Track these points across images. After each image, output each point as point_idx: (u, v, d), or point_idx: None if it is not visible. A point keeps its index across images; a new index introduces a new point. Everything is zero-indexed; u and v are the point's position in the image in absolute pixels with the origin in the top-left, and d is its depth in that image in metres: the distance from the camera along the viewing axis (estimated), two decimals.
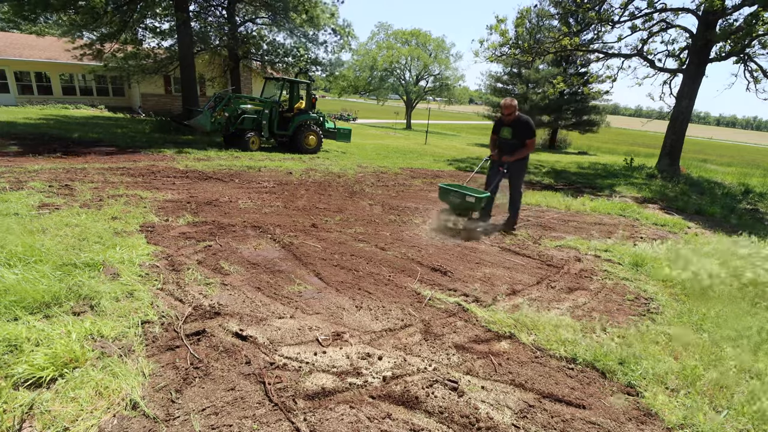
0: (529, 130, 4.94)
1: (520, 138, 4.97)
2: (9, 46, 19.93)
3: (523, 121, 4.95)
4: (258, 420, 1.76)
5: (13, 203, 4.34)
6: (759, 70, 11.86)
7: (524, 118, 4.96)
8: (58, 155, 7.45)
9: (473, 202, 4.69)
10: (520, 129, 4.97)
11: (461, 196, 4.76)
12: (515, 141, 5.02)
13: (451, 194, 4.89)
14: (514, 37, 13.70)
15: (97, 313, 2.42)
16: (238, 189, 6.09)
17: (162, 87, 22.05)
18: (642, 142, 44.55)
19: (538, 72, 27.26)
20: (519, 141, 4.99)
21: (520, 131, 4.96)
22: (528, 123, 4.94)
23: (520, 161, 5.15)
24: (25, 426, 1.63)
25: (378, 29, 41.63)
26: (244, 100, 10.85)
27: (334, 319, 2.65)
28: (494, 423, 1.86)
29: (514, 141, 5.03)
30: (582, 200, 7.24)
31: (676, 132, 12.40)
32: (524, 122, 4.94)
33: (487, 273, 3.64)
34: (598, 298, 3.33)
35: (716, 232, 5.73)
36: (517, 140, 5.00)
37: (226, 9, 16.41)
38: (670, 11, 11.91)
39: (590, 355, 2.42)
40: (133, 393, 1.82)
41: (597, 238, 4.97)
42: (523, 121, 4.94)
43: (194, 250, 3.55)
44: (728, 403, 2.11)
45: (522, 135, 4.96)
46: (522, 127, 4.95)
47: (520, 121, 4.95)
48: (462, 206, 4.83)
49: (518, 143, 5.00)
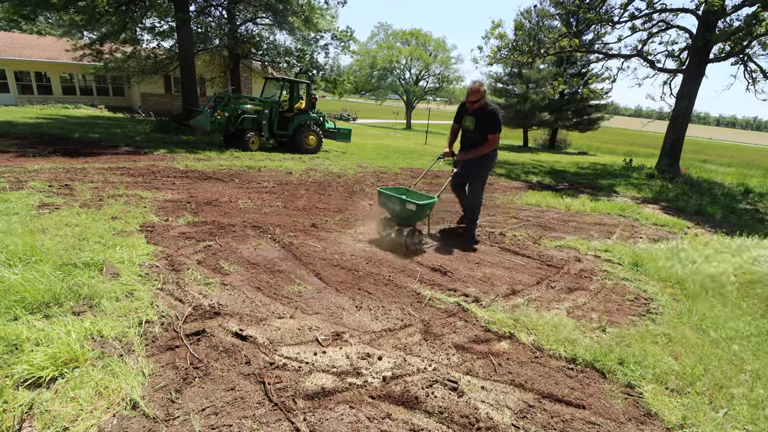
0: (494, 122, 4.20)
1: (483, 131, 4.25)
2: (9, 46, 19.93)
3: (489, 111, 4.18)
4: (258, 420, 1.76)
5: (13, 203, 4.34)
6: (758, 70, 11.86)
7: (491, 107, 4.20)
8: (58, 155, 7.45)
9: (414, 210, 3.93)
10: (483, 120, 4.22)
11: (400, 203, 4.00)
12: (477, 134, 4.31)
13: (390, 200, 4.13)
14: (513, 39, 13.72)
15: (97, 313, 2.42)
16: (238, 189, 6.09)
17: (162, 87, 22.06)
18: (642, 142, 44.57)
19: (539, 72, 27.27)
20: (481, 135, 4.27)
21: (484, 123, 4.23)
22: (494, 114, 4.18)
23: (481, 160, 4.38)
24: (25, 426, 1.63)
25: (378, 29, 41.68)
26: (244, 100, 10.85)
27: (334, 319, 2.65)
28: (494, 423, 1.86)
29: (475, 134, 4.32)
30: (582, 200, 7.24)
31: (676, 132, 12.40)
32: (490, 113, 4.18)
33: (487, 273, 3.64)
34: (598, 298, 3.33)
35: (716, 232, 5.73)
36: (479, 133, 4.29)
37: (226, 9, 16.41)
38: (670, 12, 11.92)
39: (590, 355, 2.42)
40: (133, 393, 1.82)
41: (597, 239, 4.97)
42: (488, 112, 4.18)
43: (194, 250, 3.56)
44: (728, 403, 2.11)
45: (485, 128, 4.23)
46: (486, 119, 4.20)
47: (485, 111, 4.20)
48: (402, 215, 4.07)
49: (480, 137, 4.28)
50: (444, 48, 38.35)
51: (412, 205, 3.91)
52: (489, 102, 4.27)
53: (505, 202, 6.82)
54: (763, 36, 10.59)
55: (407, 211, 3.98)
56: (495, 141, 4.27)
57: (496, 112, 4.20)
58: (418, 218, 4.10)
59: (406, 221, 4.12)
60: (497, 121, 4.20)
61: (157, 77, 18.77)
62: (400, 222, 4.18)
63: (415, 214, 3.99)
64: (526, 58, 13.78)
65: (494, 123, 4.20)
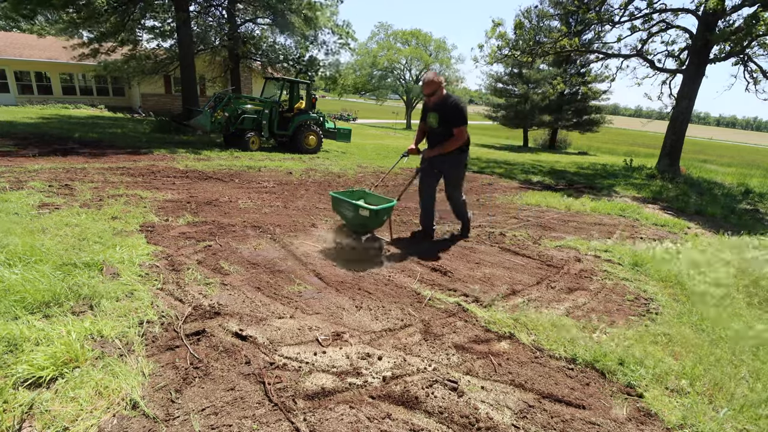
0: (457, 115, 3.88)
1: (447, 126, 3.94)
2: (9, 46, 19.94)
3: (451, 103, 3.89)
4: (258, 420, 1.76)
5: (13, 203, 4.34)
6: (759, 70, 11.86)
7: (453, 99, 3.91)
8: (58, 155, 7.45)
9: (368, 217, 3.53)
10: (446, 114, 3.92)
11: (354, 209, 3.60)
12: (441, 129, 3.99)
13: (342, 206, 3.72)
14: (513, 39, 13.73)
15: (97, 313, 2.42)
16: (238, 189, 6.09)
17: (162, 87, 22.07)
18: (642, 142, 44.58)
19: (539, 72, 27.29)
20: (445, 130, 3.95)
21: (447, 117, 3.92)
22: (457, 107, 3.88)
23: (450, 158, 4.10)
24: (25, 426, 1.63)
25: (378, 29, 41.72)
26: (244, 100, 10.86)
27: (334, 319, 2.65)
28: (494, 423, 1.86)
29: (440, 130, 4.00)
30: (582, 200, 7.24)
31: (676, 132, 12.41)
32: (452, 105, 3.89)
33: (487, 273, 3.64)
34: (598, 298, 3.33)
35: (716, 232, 5.73)
36: (444, 129, 3.96)
37: (226, 9, 16.42)
38: (670, 12, 11.92)
39: (590, 355, 2.42)
40: (133, 393, 1.82)
41: (597, 239, 4.97)
42: (450, 104, 3.89)
43: (194, 250, 3.55)
44: (728, 403, 2.11)
45: (449, 122, 3.92)
46: (449, 112, 3.90)
47: (447, 104, 3.91)
48: (356, 221, 3.66)
49: (445, 133, 3.96)
50: (444, 48, 38.39)
51: (366, 210, 3.51)
52: (450, 94, 3.96)
53: (505, 202, 6.82)
54: (763, 36, 10.59)
55: (361, 217, 3.57)
56: (461, 135, 3.95)
57: (459, 103, 3.90)
58: (373, 225, 3.71)
59: (362, 228, 3.70)
60: (461, 113, 3.89)
61: (157, 77, 18.78)
62: (356, 229, 3.75)
63: (370, 221, 3.58)
64: (526, 57, 13.79)
65: (457, 116, 3.89)
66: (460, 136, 3.95)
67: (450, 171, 4.23)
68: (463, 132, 3.95)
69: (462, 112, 3.90)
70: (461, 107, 3.90)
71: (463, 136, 3.97)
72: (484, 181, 9.13)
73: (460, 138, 3.96)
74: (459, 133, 3.94)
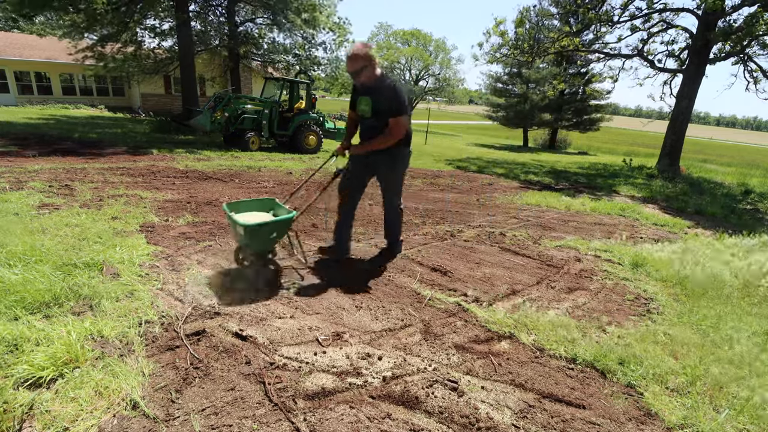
0: (393, 101, 3.07)
1: (381, 115, 3.13)
2: (9, 46, 19.94)
3: (387, 86, 3.10)
4: (258, 420, 1.76)
5: (13, 203, 4.34)
6: (759, 70, 11.87)
7: (389, 82, 3.13)
8: (58, 155, 7.45)
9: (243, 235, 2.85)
10: (380, 100, 3.11)
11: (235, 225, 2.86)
12: (375, 120, 3.18)
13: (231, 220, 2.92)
14: (513, 38, 13.74)
15: (97, 313, 2.42)
16: (238, 189, 6.09)
17: (162, 87, 22.08)
18: (642, 142, 44.57)
19: (539, 72, 27.28)
20: (380, 120, 3.14)
21: (381, 104, 3.11)
22: (393, 90, 3.08)
23: (390, 159, 3.30)
24: (25, 426, 1.63)
25: (378, 29, 41.72)
26: (244, 100, 10.86)
27: (334, 319, 2.65)
28: (494, 423, 1.86)
29: (373, 120, 3.19)
30: (582, 200, 7.24)
31: (676, 132, 12.41)
32: (388, 88, 3.09)
33: (487, 273, 3.64)
34: (598, 298, 3.33)
35: (716, 232, 5.72)
36: (377, 119, 3.16)
37: (226, 9, 16.42)
38: (670, 11, 11.93)
39: (590, 355, 2.42)
40: (133, 393, 1.82)
41: (597, 238, 4.97)
42: (385, 87, 3.10)
43: (194, 250, 3.55)
44: (728, 403, 2.11)
45: (383, 110, 3.11)
46: (384, 98, 3.09)
47: (381, 87, 3.11)
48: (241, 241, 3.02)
49: (380, 124, 3.15)
50: (444, 48, 38.40)
51: (241, 227, 2.77)
52: (386, 75, 3.21)
53: (505, 202, 6.82)
54: (763, 36, 10.59)
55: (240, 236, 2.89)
56: (399, 127, 3.11)
57: (396, 86, 3.11)
58: (256, 246, 2.96)
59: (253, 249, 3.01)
60: (399, 98, 3.08)
61: (157, 77, 18.80)
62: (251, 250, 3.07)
63: (250, 240, 2.87)
64: (526, 57, 13.79)
65: (394, 102, 3.07)
66: (398, 129, 3.12)
67: (387, 174, 3.42)
68: (401, 123, 3.11)
69: (400, 97, 3.09)
70: (399, 91, 3.11)
71: (400, 128, 3.13)
72: (484, 181, 9.13)
73: (398, 131, 3.13)
74: (396, 124, 3.10)
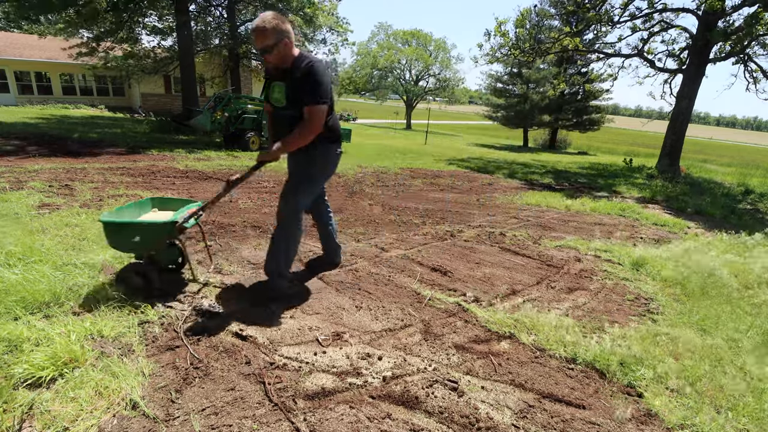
0: (308, 85, 2.42)
1: (298, 103, 2.49)
2: (9, 46, 19.94)
3: (304, 67, 2.43)
4: (258, 420, 1.76)
5: (13, 203, 4.34)
6: (759, 70, 11.87)
7: (307, 61, 2.44)
8: (58, 155, 7.45)
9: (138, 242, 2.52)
10: (295, 86, 2.48)
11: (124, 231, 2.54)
12: (290, 110, 2.55)
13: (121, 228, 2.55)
14: (514, 38, 13.73)
15: (97, 313, 2.42)
16: (238, 189, 6.09)
17: (162, 87, 22.09)
18: (642, 142, 44.59)
19: (539, 72, 27.29)
20: (296, 110, 2.51)
21: (296, 90, 2.48)
22: (309, 71, 2.41)
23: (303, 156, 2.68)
24: (25, 426, 1.63)
25: (378, 29, 41.70)
26: (244, 100, 10.87)
27: (334, 319, 2.65)
28: (494, 423, 1.86)
29: (289, 111, 2.56)
30: (582, 200, 7.24)
31: (676, 132, 12.41)
32: (304, 70, 2.42)
33: (487, 273, 3.64)
34: (598, 298, 3.33)
35: (716, 232, 5.72)
36: (294, 108, 2.53)
37: (226, 9, 16.42)
38: (670, 11, 11.93)
39: (590, 355, 2.41)
40: (133, 393, 1.82)
41: (597, 239, 4.97)
42: (301, 69, 2.43)
43: (194, 250, 3.55)
44: (728, 403, 2.11)
45: (299, 96, 2.46)
46: (298, 83, 2.45)
47: (296, 70, 2.45)
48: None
49: (296, 114, 2.52)
50: (444, 48, 38.38)
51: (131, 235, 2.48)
52: (305, 54, 2.51)
53: (505, 202, 6.82)
54: (763, 36, 10.59)
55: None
56: (315, 118, 2.46)
57: (313, 66, 2.42)
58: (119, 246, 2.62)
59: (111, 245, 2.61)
60: (315, 81, 2.41)
61: (157, 77, 18.82)
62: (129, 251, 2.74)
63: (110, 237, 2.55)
64: (527, 57, 13.79)
65: (308, 86, 2.42)
66: (313, 122, 2.47)
67: (297, 173, 2.80)
68: (319, 113, 2.46)
69: (318, 81, 2.42)
70: (317, 73, 2.42)
71: (316, 120, 2.47)
72: (484, 181, 9.13)
73: (313, 124, 2.48)
74: (312, 114, 2.45)
